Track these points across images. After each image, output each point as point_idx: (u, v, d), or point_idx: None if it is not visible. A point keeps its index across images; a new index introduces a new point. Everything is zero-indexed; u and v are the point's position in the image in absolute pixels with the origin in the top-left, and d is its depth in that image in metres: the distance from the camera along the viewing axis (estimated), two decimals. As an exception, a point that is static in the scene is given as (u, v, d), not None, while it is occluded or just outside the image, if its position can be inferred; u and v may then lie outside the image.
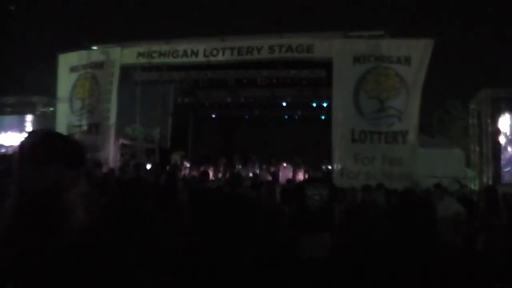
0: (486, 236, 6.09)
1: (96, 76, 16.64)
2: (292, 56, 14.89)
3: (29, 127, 19.48)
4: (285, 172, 17.59)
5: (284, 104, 21.24)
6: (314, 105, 20.47)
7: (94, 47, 17.30)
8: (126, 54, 16.53)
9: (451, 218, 7.19)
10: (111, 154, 16.22)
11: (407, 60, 13.92)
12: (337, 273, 5.98)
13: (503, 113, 17.23)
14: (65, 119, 16.98)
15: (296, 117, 22.45)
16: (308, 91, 19.20)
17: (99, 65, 16.67)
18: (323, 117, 20.01)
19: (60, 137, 1.92)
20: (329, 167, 15.69)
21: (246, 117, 23.05)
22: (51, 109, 18.14)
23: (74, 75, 17.07)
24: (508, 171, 17.26)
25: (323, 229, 5.35)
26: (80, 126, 16.64)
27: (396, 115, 13.74)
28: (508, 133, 17.35)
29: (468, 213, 7.28)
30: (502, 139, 17.26)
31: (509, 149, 17.37)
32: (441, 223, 7.34)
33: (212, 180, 15.41)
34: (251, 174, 17.41)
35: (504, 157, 17.31)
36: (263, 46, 15.06)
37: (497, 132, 17.18)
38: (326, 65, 14.77)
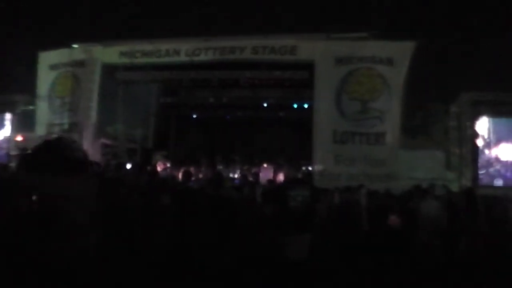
0: (466, 238, 6.16)
1: (77, 75, 16.51)
2: (275, 58, 14.90)
3: (8, 126, 19.22)
4: (266, 172, 17.60)
5: (266, 105, 21.23)
6: (295, 106, 20.46)
7: (75, 46, 17.15)
8: (109, 53, 16.43)
9: (429, 220, 7.24)
10: (93, 153, 16.09)
11: (390, 61, 14.01)
12: (318, 273, 5.99)
13: (483, 115, 17.42)
14: (44, 117, 16.83)
15: (279, 118, 22.44)
16: (291, 92, 19.22)
17: (80, 64, 16.54)
18: (305, 118, 20.04)
19: (62, 146, 1.95)
20: (310, 168, 15.73)
21: (229, 117, 22.98)
22: (32, 107, 17.93)
23: (54, 73, 16.92)
24: (485, 173, 17.46)
25: (305, 230, 5.37)
26: (60, 124, 16.50)
27: (378, 116, 13.81)
28: (485, 136, 17.55)
29: (450, 216, 7.34)
30: (480, 142, 17.45)
31: (486, 152, 17.57)
32: (422, 224, 7.40)
33: (194, 180, 15.37)
34: (231, 175, 17.40)
35: (481, 160, 17.51)
36: (246, 46, 15.07)
37: (475, 134, 17.37)
38: (309, 66, 14.79)
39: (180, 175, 13.00)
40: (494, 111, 17.61)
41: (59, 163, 1.92)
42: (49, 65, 17.07)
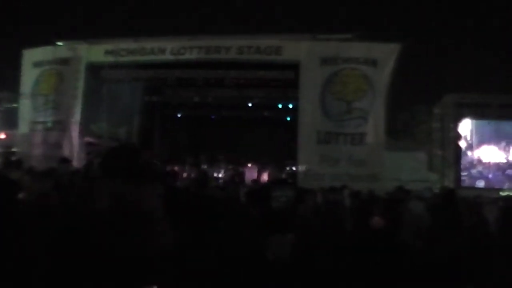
0: (446, 239, 6.23)
1: (61, 72, 16.38)
2: (260, 58, 14.92)
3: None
4: (251, 172, 17.61)
5: (251, 105, 21.25)
6: (280, 106, 20.50)
7: (60, 43, 17.03)
8: (94, 52, 16.34)
9: (412, 221, 7.30)
10: (76, 152, 16.00)
11: (374, 62, 14.10)
12: (301, 273, 6.01)
13: (466, 117, 17.62)
14: (27, 115, 16.69)
15: (264, 118, 22.48)
16: (276, 92, 19.25)
17: (64, 62, 16.42)
18: (289, 119, 20.08)
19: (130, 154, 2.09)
20: (294, 168, 15.78)
21: (213, 117, 22.97)
22: (15, 105, 17.79)
23: (37, 71, 16.78)
24: (467, 175, 17.66)
25: (288, 230, 5.39)
26: (44, 122, 16.38)
27: (362, 116, 13.88)
28: (468, 138, 17.76)
29: (431, 217, 7.39)
30: (462, 144, 17.64)
31: (468, 153, 17.77)
32: (405, 225, 7.45)
33: (178, 179, 15.34)
34: (216, 174, 17.40)
35: (464, 161, 17.71)
36: (232, 46, 15.07)
37: (458, 136, 17.56)
38: (295, 66, 14.84)
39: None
40: (477, 113, 17.83)
41: (135, 171, 2.04)
42: (33, 62, 16.94)
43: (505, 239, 6.04)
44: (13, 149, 16.81)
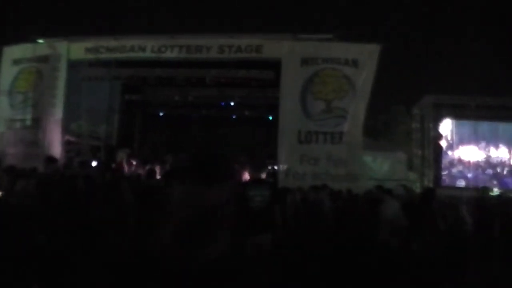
0: (420, 238, 6.29)
1: (40, 70, 16.21)
2: (241, 56, 14.91)
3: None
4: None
5: (232, 104, 21.25)
6: (262, 105, 20.54)
7: (40, 41, 16.86)
8: (74, 49, 16.18)
9: (389, 220, 7.36)
10: (56, 150, 15.84)
11: (355, 63, 14.16)
12: (280, 273, 6.03)
13: (445, 118, 17.79)
14: (4, 113, 16.46)
15: (244, 117, 22.49)
16: (257, 91, 19.28)
17: (44, 59, 16.25)
18: (270, 118, 20.11)
19: (217, 159, 2.23)
20: (275, 167, 15.78)
21: (194, 116, 22.90)
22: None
23: (16, 68, 16.60)
24: (447, 174, 17.83)
25: (265, 230, 5.40)
26: (22, 120, 16.19)
27: (342, 115, 13.93)
28: (449, 138, 17.94)
29: (408, 216, 7.45)
30: (443, 143, 17.82)
31: (449, 153, 17.95)
32: (381, 224, 7.51)
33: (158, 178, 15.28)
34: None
35: (444, 160, 17.88)
36: (213, 45, 15.04)
37: (439, 136, 17.72)
38: (275, 66, 14.87)
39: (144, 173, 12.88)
40: (456, 114, 18.01)
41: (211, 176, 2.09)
42: (13, 60, 16.74)
43: (480, 238, 6.12)
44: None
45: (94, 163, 15.79)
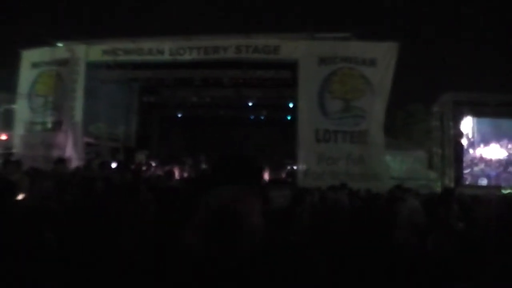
0: (435, 236, 6.20)
1: (60, 73, 16.39)
2: (258, 57, 14.90)
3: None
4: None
5: (250, 104, 21.22)
6: (280, 105, 20.49)
7: (59, 44, 17.01)
8: (92, 52, 16.31)
9: (409, 219, 7.27)
10: (76, 152, 15.97)
11: (372, 62, 14.08)
12: (299, 274, 5.99)
13: (465, 116, 17.56)
14: (24, 116, 16.67)
15: (262, 117, 22.46)
16: (274, 91, 19.24)
17: (63, 62, 16.41)
18: (289, 118, 20.05)
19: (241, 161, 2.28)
20: (294, 167, 15.72)
21: (212, 117, 22.90)
22: (14, 106, 17.75)
23: (35, 72, 16.79)
24: (469, 172, 17.60)
25: (286, 231, 5.35)
26: (42, 123, 16.36)
27: (361, 115, 13.85)
28: (470, 136, 17.70)
29: (427, 214, 7.35)
30: (464, 142, 17.59)
31: (470, 151, 17.71)
32: (400, 223, 7.42)
33: (177, 179, 15.33)
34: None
35: (466, 159, 17.64)
36: (230, 46, 15.05)
37: (460, 134, 17.49)
38: (292, 66, 14.82)
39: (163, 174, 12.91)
40: (476, 111, 17.76)
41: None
42: (32, 63, 16.94)
43: (500, 238, 6.01)
44: (13, 150, 16.75)
45: (113, 165, 15.87)
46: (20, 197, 5.29)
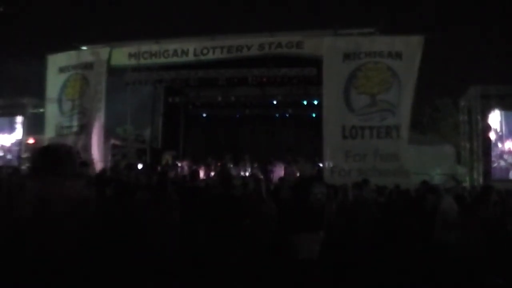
0: (466, 231, 6.13)
1: (86, 77, 16.60)
2: (282, 52, 14.87)
3: (19, 129, 19.43)
4: (278, 171, 17.47)
5: (275, 102, 21.20)
6: (305, 103, 20.43)
7: (84, 48, 17.20)
8: (117, 55, 16.47)
9: (443, 216, 7.17)
10: (102, 154, 16.16)
11: (398, 55, 13.94)
12: (330, 272, 5.97)
13: (493, 109, 17.25)
14: (54, 120, 16.92)
15: (287, 115, 22.42)
16: (299, 89, 19.19)
17: (89, 66, 16.62)
18: (314, 115, 19.98)
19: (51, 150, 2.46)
20: (320, 165, 15.64)
21: (237, 116, 22.93)
22: (42, 110, 18.03)
23: (64, 76, 17.01)
24: (497, 167, 17.29)
25: (320, 227, 5.34)
26: (70, 127, 16.58)
27: (389, 109, 13.72)
28: (498, 129, 17.39)
29: (460, 209, 7.26)
30: (492, 136, 17.28)
31: (499, 145, 17.40)
32: (434, 220, 7.33)
33: (204, 179, 15.41)
34: (242, 173, 17.35)
35: (494, 153, 17.34)
36: (253, 44, 15.05)
37: (488, 128, 17.20)
38: (317, 63, 14.75)
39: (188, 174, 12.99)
40: (504, 104, 17.44)
41: None
42: (59, 67, 17.17)
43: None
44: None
45: (140, 166, 16.02)
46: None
